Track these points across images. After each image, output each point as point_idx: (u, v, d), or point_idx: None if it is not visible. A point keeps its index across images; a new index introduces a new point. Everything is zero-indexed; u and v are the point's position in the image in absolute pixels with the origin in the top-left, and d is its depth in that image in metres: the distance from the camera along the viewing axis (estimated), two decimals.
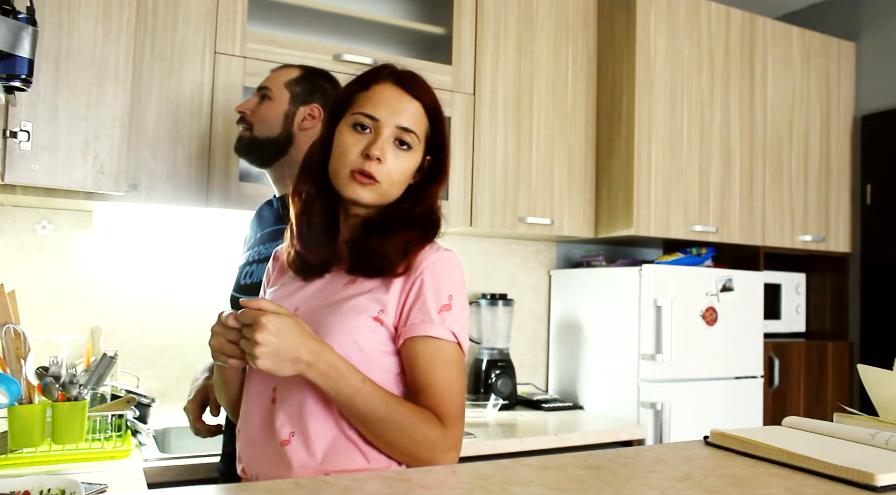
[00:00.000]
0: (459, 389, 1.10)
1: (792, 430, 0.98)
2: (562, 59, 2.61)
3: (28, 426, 1.47)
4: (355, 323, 1.09)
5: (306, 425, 1.08)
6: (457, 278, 1.14)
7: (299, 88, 1.59)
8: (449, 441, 1.06)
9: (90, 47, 1.76)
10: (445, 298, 1.10)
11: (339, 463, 1.07)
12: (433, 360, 1.08)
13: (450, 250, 1.17)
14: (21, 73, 1.29)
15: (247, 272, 1.58)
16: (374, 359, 1.09)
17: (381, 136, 1.13)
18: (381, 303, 1.10)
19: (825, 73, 3.07)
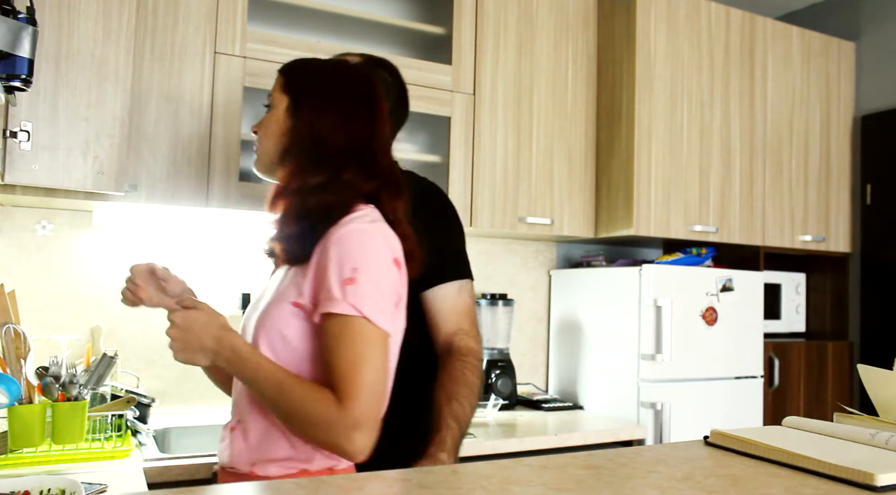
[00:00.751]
0: (365, 366, 1.04)
1: (792, 430, 0.98)
2: (562, 59, 2.61)
3: (28, 426, 1.47)
4: (278, 312, 1.12)
5: (245, 413, 1.14)
6: (365, 249, 1.08)
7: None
8: (346, 419, 1.01)
9: (90, 47, 1.76)
10: (348, 271, 1.06)
11: (269, 450, 1.11)
12: (336, 338, 1.06)
13: (376, 221, 1.13)
14: (21, 73, 1.29)
15: None
16: (297, 346, 1.10)
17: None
18: (300, 288, 1.11)
19: (825, 73, 3.07)
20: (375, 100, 1.22)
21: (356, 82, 1.22)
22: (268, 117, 1.22)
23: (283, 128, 1.19)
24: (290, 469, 1.11)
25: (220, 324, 1.10)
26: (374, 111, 1.21)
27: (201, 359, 1.10)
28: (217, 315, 1.12)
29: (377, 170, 1.19)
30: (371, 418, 1.04)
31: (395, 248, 1.14)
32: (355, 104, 1.19)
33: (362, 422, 1.02)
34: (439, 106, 2.35)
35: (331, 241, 1.09)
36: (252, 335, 1.16)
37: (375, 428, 1.05)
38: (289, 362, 1.10)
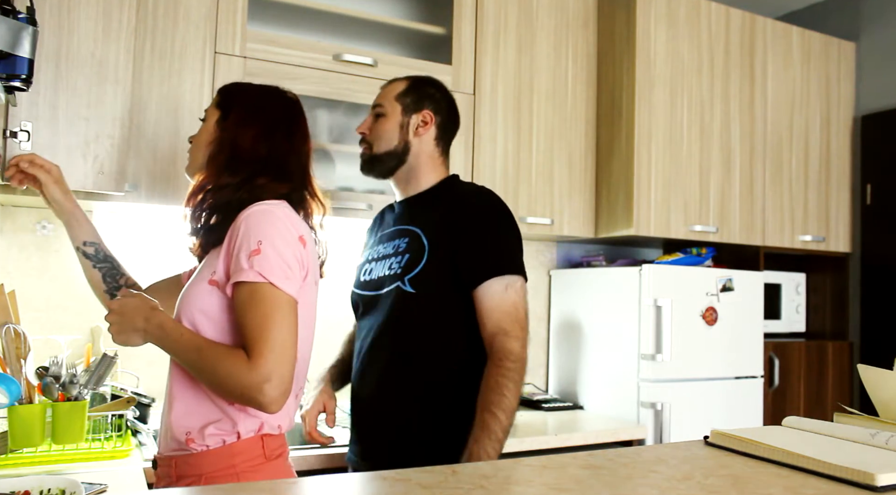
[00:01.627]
0: (273, 325, 1.15)
1: (792, 430, 0.98)
2: (562, 59, 2.61)
3: (28, 426, 1.47)
4: (195, 291, 1.26)
5: (176, 388, 1.28)
6: (268, 225, 1.21)
7: (409, 99, 1.66)
8: (256, 374, 1.13)
9: (90, 47, 1.76)
10: (254, 244, 1.18)
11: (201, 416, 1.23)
12: (245, 303, 1.18)
13: (283, 206, 1.27)
14: (21, 73, 1.29)
15: (366, 269, 1.70)
16: (216, 319, 1.23)
17: None
18: (213, 267, 1.25)
19: (825, 73, 3.07)
20: (296, 122, 1.39)
21: (280, 105, 1.38)
22: (200, 128, 1.39)
23: (211, 138, 1.35)
24: (225, 434, 1.22)
25: (150, 306, 1.24)
26: (294, 131, 1.37)
27: (136, 339, 1.24)
28: (148, 299, 1.25)
29: (286, 184, 1.33)
30: (280, 372, 1.15)
31: (298, 227, 1.26)
32: (276, 123, 1.35)
33: (272, 376, 1.13)
34: None
35: (238, 221, 1.22)
36: (175, 315, 1.29)
37: (285, 382, 1.16)
38: (210, 335, 1.23)
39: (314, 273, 1.32)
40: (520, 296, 1.52)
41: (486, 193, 1.65)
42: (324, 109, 2.33)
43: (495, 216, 1.59)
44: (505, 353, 1.47)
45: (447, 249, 1.53)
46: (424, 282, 1.53)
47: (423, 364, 1.55)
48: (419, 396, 1.54)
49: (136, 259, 2.23)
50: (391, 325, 1.57)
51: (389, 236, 1.67)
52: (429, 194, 1.66)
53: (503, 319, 1.49)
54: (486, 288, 1.50)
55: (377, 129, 1.66)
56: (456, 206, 1.59)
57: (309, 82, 2.15)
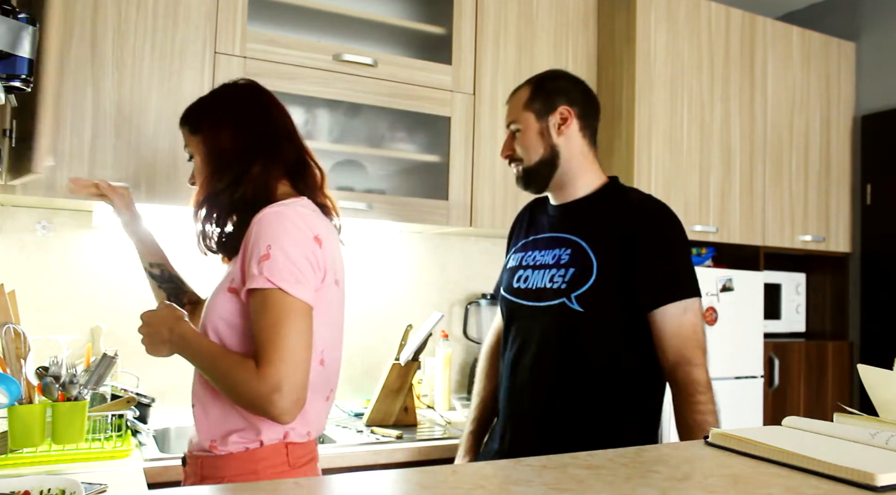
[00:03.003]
0: (279, 333, 1.13)
1: (792, 430, 0.98)
2: (562, 59, 2.61)
3: (28, 426, 1.47)
4: (217, 299, 1.25)
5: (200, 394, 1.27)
6: (277, 228, 1.18)
7: (538, 103, 1.58)
8: (265, 384, 1.10)
9: (89, 47, 1.76)
10: (264, 249, 1.16)
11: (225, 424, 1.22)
12: (256, 311, 1.16)
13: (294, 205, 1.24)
14: (21, 73, 1.29)
15: (521, 276, 1.61)
16: (236, 326, 1.22)
17: None
18: (232, 274, 1.25)
19: (825, 73, 3.07)
20: (261, 100, 1.36)
21: (238, 95, 1.36)
22: (195, 166, 1.37)
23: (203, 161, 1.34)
24: (249, 441, 1.21)
25: (175, 317, 1.23)
26: (263, 107, 1.35)
27: (164, 350, 1.23)
28: (175, 310, 1.25)
29: (282, 156, 1.31)
30: (292, 381, 1.11)
31: (312, 226, 1.22)
32: (244, 110, 1.34)
33: (281, 385, 1.10)
34: (439, 106, 2.35)
35: (251, 227, 1.20)
36: (201, 325, 1.28)
37: (297, 390, 1.12)
38: (233, 343, 1.22)
39: (335, 271, 1.28)
40: (698, 319, 1.45)
41: (660, 206, 1.54)
42: (324, 109, 2.33)
43: (672, 233, 1.50)
44: (694, 386, 1.40)
45: (620, 268, 1.45)
46: (594, 300, 1.46)
47: (592, 383, 1.49)
48: (587, 415, 1.49)
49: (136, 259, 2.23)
50: (557, 344, 1.50)
51: (547, 243, 1.59)
52: (590, 200, 1.57)
53: (685, 346, 1.42)
54: (664, 312, 1.43)
55: (521, 146, 1.59)
56: (626, 218, 1.50)
57: (309, 82, 2.15)
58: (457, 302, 2.73)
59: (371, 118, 2.45)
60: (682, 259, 1.50)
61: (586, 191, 1.58)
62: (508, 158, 1.63)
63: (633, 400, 1.50)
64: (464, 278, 2.75)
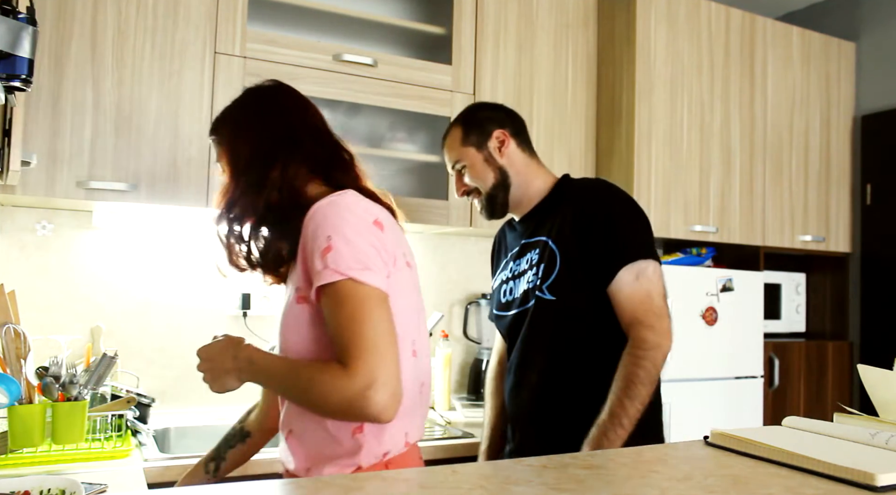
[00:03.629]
0: (358, 326, 1.03)
1: (792, 430, 0.98)
2: (562, 59, 2.61)
3: (28, 426, 1.47)
4: (290, 312, 1.16)
5: (293, 421, 1.19)
6: (335, 217, 1.09)
7: (473, 136, 1.67)
8: (355, 381, 1.00)
9: (88, 48, 1.76)
10: (324, 241, 1.07)
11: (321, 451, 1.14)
12: (330, 307, 1.06)
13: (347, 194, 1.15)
14: (21, 73, 1.29)
15: (505, 290, 1.70)
16: (316, 335, 1.12)
17: None
18: (297, 280, 1.15)
19: (825, 73, 3.07)
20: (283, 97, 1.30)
21: (258, 98, 1.29)
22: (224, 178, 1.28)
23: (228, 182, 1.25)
24: (345, 467, 1.12)
25: (235, 344, 1.15)
26: (283, 111, 1.27)
27: (232, 382, 1.14)
28: (234, 338, 1.16)
29: (307, 156, 1.22)
30: (385, 373, 1.01)
31: (370, 211, 1.14)
32: (261, 115, 1.26)
33: (373, 380, 1.00)
34: (439, 106, 2.35)
35: (306, 223, 1.11)
36: (279, 338, 1.20)
37: (392, 382, 1.02)
38: (313, 352, 1.13)
39: (404, 255, 1.20)
40: (653, 283, 1.48)
41: (602, 184, 1.65)
42: (324, 109, 2.31)
43: (614, 205, 1.57)
44: (637, 343, 1.45)
45: (576, 249, 1.52)
46: (562, 286, 1.52)
47: (576, 371, 1.53)
48: (576, 405, 1.51)
49: (135, 259, 2.23)
50: (538, 336, 1.56)
51: (519, 252, 1.67)
52: (545, 202, 1.66)
53: (637, 310, 1.46)
54: (617, 280, 1.47)
55: (472, 179, 1.67)
56: (575, 205, 1.58)
57: (309, 82, 2.15)
58: (457, 302, 2.73)
59: (371, 118, 2.45)
60: (630, 226, 1.54)
61: (540, 196, 1.67)
62: (465, 194, 1.71)
63: None
64: (464, 278, 2.75)
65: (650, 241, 1.55)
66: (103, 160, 1.88)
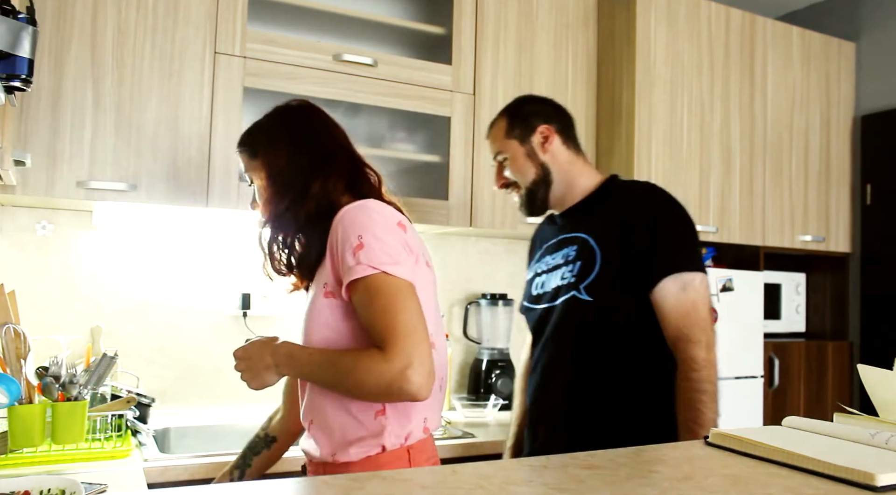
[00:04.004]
0: (397, 312, 1.13)
1: (792, 430, 0.98)
2: (562, 59, 2.61)
3: (28, 426, 1.47)
4: (317, 306, 1.25)
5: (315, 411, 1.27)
6: (364, 219, 1.19)
7: (517, 129, 1.65)
8: (395, 364, 1.09)
9: (88, 48, 1.76)
10: (355, 240, 1.17)
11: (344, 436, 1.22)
12: (364, 299, 1.16)
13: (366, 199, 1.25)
14: (21, 73, 1.29)
15: (538, 283, 1.67)
16: (341, 328, 1.21)
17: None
18: (324, 278, 1.24)
19: (825, 73, 3.07)
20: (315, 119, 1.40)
21: (291, 116, 1.39)
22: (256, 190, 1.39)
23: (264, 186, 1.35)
24: (370, 448, 1.20)
25: (272, 341, 1.25)
26: (317, 129, 1.38)
27: (271, 377, 1.23)
28: (269, 337, 1.27)
29: (340, 170, 1.33)
30: (420, 354, 1.11)
31: (393, 214, 1.24)
32: (298, 132, 1.36)
33: (412, 360, 1.09)
34: (439, 106, 2.35)
35: (334, 226, 1.21)
36: (304, 333, 1.28)
37: (426, 362, 1.11)
38: (339, 344, 1.21)
39: (424, 254, 1.30)
40: (700, 295, 1.45)
41: (651, 188, 1.60)
42: (324, 109, 2.33)
43: (663, 211, 1.54)
44: (690, 363, 1.41)
45: (621, 252, 1.49)
46: (600, 288, 1.49)
47: (608, 373, 1.50)
48: (607, 407, 1.49)
49: (135, 259, 2.23)
50: (571, 336, 1.54)
51: (556, 246, 1.64)
52: (590, 199, 1.62)
53: (683, 323, 1.43)
54: (661, 289, 1.45)
55: (513, 173, 1.65)
56: (621, 206, 1.55)
57: (309, 82, 2.15)
58: (456, 302, 2.73)
59: (371, 118, 2.45)
60: (678, 235, 1.51)
61: (584, 194, 1.64)
62: (504, 187, 1.69)
63: (654, 388, 1.48)
64: (464, 278, 2.75)
65: (698, 252, 1.52)
66: (103, 160, 1.88)
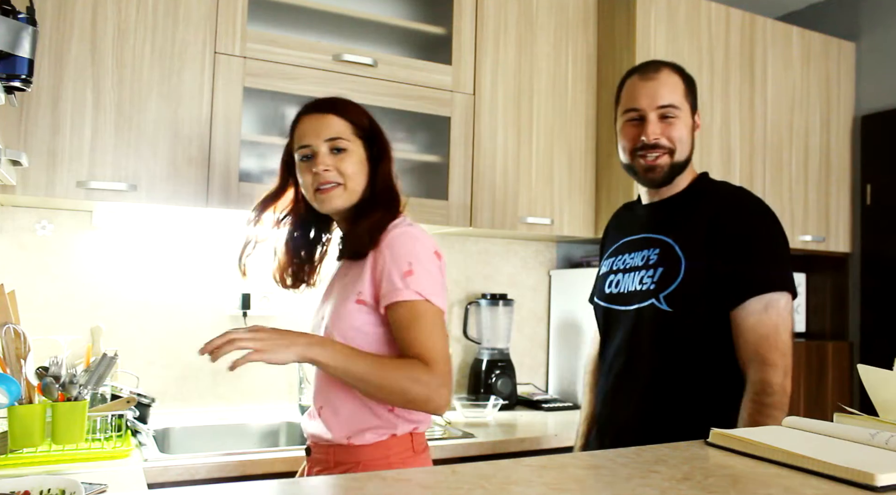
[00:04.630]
0: (437, 336, 1.28)
1: (792, 430, 0.98)
2: (562, 59, 2.61)
3: (28, 426, 1.47)
4: (345, 309, 1.36)
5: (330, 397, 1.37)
6: (414, 247, 1.33)
7: (692, 97, 1.54)
8: (435, 378, 1.24)
9: (88, 49, 1.76)
10: (406, 266, 1.30)
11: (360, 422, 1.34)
12: (408, 320, 1.29)
13: (413, 224, 1.39)
14: (21, 73, 1.29)
15: (612, 281, 1.59)
16: (370, 333, 1.34)
17: (319, 154, 1.40)
18: (360, 285, 1.35)
19: (825, 73, 3.07)
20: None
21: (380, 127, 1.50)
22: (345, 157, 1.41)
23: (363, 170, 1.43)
24: (382, 435, 1.34)
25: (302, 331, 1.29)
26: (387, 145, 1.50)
27: (289, 355, 1.23)
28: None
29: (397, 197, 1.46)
30: (449, 377, 1.27)
31: (431, 242, 1.38)
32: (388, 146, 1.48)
33: (445, 380, 1.26)
34: (439, 106, 2.35)
35: (383, 245, 1.33)
36: (326, 330, 1.38)
37: (451, 387, 1.28)
38: (365, 347, 1.31)
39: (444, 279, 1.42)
40: (782, 317, 1.37)
41: (746, 196, 1.50)
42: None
43: (756, 222, 1.45)
44: (762, 386, 1.34)
45: (705, 263, 1.41)
46: (682, 299, 1.42)
47: (684, 387, 1.44)
48: (678, 422, 1.41)
49: (135, 259, 2.23)
50: (647, 346, 1.48)
51: (636, 245, 1.56)
52: (680, 197, 1.54)
53: (760, 344, 1.36)
54: (744, 308, 1.37)
55: (677, 134, 1.49)
56: (712, 213, 1.45)
57: (309, 82, 2.15)
58: (456, 302, 2.73)
59: None
60: (770, 251, 1.43)
61: (677, 189, 1.55)
62: (655, 144, 1.49)
63: (722, 405, 1.42)
64: (464, 278, 2.75)
65: (789, 270, 1.43)
66: (103, 160, 1.88)
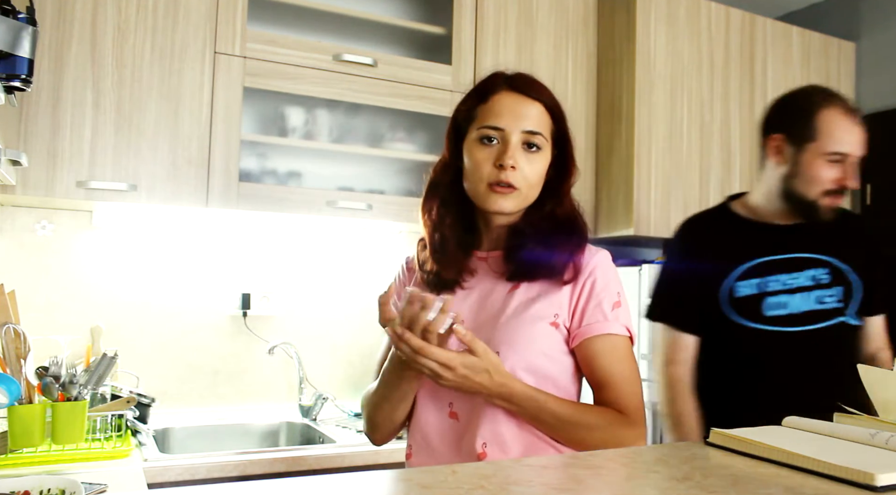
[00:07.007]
0: (636, 380, 1.17)
1: (792, 430, 0.98)
2: (562, 59, 2.61)
3: (28, 426, 1.47)
4: (534, 330, 1.15)
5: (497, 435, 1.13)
6: (617, 277, 1.22)
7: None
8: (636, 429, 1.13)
9: (88, 49, 1.76)
10: (615, 296, 1.18)
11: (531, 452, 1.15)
12: (611, 356, 1.15)
13: (600, 248, 1.25)
14: (21, 73, 1.29)
15: (773, 302, 1.59)
16: (557, 361, 1.16)
17: (510, 145, 1.15)
18: (555, 308, 1.16)
19: (825, 73, 3.07)
20: None
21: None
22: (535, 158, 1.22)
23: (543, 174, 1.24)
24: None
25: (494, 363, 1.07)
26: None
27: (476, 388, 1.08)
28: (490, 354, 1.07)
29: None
30: (645, 429, 1.16)
31: None
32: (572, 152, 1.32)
33: (643, 433, 1.15)
34: (439, 106, 2.35)
35: (592, 268, 1.19)
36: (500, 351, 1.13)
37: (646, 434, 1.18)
38: (552, 376, 1.16)
39: None
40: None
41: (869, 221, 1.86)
42: (324, 109, 2.33)
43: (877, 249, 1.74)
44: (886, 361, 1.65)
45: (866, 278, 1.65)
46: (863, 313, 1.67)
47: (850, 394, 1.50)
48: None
49: (135, 259, 2.23)
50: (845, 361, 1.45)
51: (791, 265, 1.62)
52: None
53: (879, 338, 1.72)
54: (875, 318, 1.72)
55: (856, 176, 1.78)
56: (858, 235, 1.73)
57: (309, 82, 2.15)
58: None
59: (371, 118, 2.45)
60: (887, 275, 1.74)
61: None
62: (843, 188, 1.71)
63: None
64: None
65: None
66: (103, 160, 1.88)
